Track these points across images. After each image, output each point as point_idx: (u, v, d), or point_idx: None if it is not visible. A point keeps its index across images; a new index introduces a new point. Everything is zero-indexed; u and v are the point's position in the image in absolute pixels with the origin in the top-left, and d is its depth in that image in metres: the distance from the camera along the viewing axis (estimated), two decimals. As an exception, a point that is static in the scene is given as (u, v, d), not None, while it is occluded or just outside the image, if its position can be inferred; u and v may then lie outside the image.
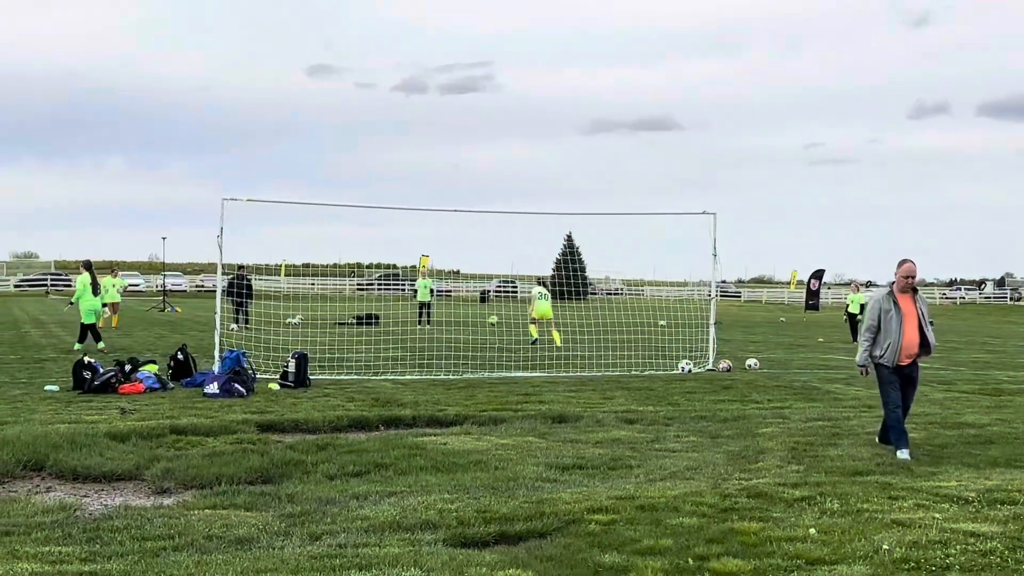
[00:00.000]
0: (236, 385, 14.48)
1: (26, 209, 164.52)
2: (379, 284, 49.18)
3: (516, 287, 66.10)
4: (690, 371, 19.30)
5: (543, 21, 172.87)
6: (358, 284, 66.16)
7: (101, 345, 21.92)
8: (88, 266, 23.28)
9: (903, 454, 9.95)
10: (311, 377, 16.21)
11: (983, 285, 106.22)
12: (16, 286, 74.91)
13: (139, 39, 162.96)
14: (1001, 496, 7.91)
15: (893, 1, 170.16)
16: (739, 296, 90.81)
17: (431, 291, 34.14)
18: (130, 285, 51.95)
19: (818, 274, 64.43)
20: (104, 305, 27.42)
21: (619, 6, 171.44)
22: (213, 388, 14.42)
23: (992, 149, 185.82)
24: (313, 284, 53.65)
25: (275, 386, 15.50)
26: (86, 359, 15.30)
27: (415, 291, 34.09)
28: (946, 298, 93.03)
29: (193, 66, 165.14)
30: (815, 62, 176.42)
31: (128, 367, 15.09)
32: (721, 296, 70.77)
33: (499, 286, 66.24)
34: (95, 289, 22.60)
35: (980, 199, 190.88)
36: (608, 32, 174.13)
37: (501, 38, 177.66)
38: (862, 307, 32.57)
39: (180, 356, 16.39)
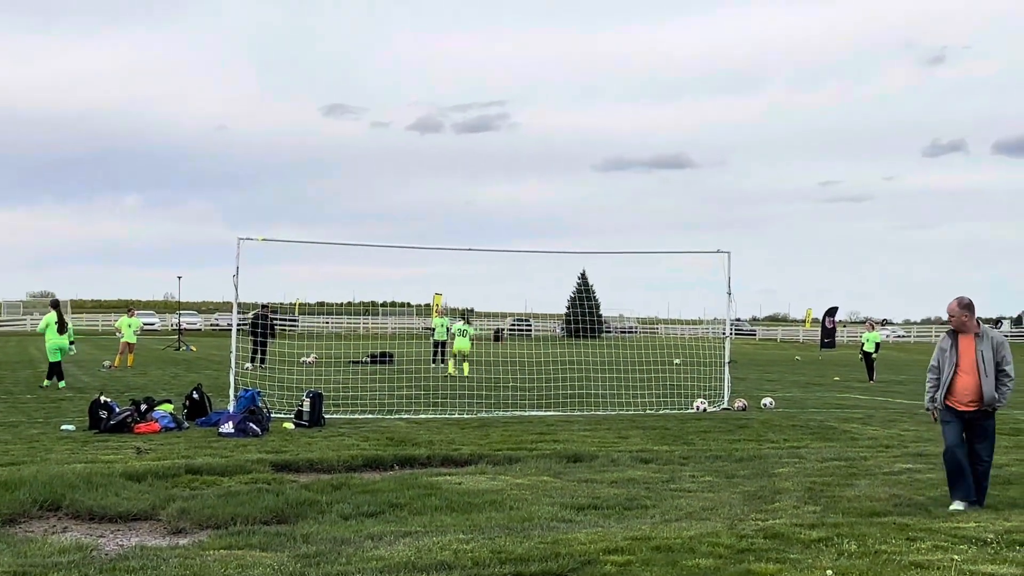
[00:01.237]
0: (251, 424, 14.51)
1: (43, 248, 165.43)
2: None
3: (531, 325, 66.08)
4: (705, 410, 19.23)
5: (558, 60, 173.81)
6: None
7: (62, 384, 22.15)
8: (55, 305, 23.73)
9: (955, 505, 9.23)
10: (326, 416, 16.21)
11: (1000, 323, 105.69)
12: None
13: (155, 78, 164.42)
14: (1020, 537, 7.83)
15: (909, 39, 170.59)
16: (754, 334, 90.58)
17: (447, 329, 34.15)
18: (145, 324, 52.14)
19: (832, 311, 64.21)
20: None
21: (634, 45, 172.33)
22: (228, 427, 14.44)
23: (1008, 187, 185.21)
24: (327, 322, 53.78)
25: (290, 425, 15.51)
26: (102, 398, 15.34)
27: (432, 330, 34.06)
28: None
29: (209, 105, 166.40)
30: (830, 100, 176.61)
31: (144, 406, 15.14)
32: (736, 334, 70.65)
33: (513, 324, 66.24)
34: (60, 328, 22.84)
35: (996, 237, 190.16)
36: (623, 70, 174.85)
37: (516, 77, 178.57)
38: (877, 345, 32.49)
39: (195, 395, 16.43)
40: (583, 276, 64.81)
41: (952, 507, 9.20)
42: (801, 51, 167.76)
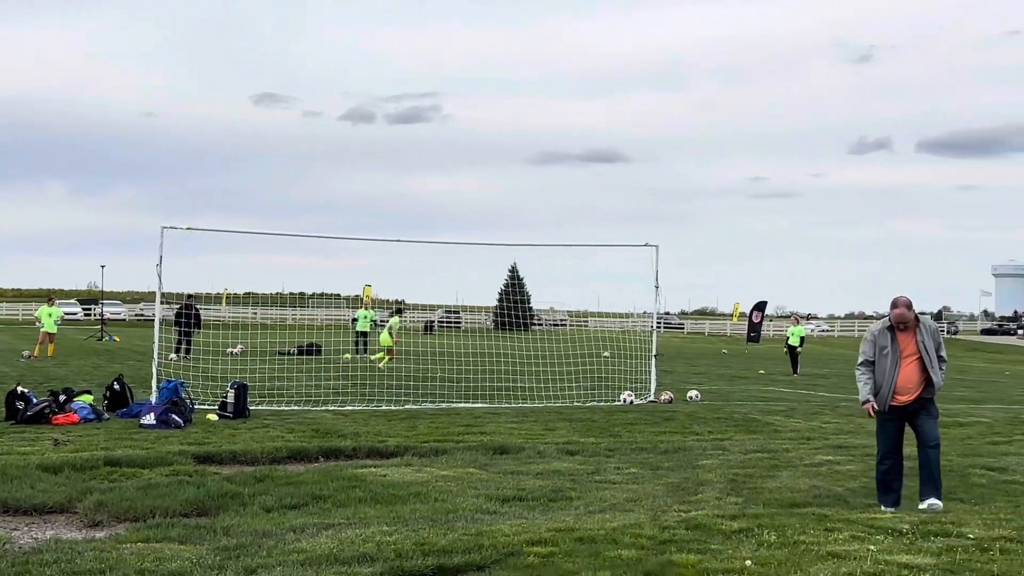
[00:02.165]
0: (173, 416, 14.28)
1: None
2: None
3: (460, 318, 66.03)
4: (632, 402, 19.37)
5: (492, 52, 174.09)
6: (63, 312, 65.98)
7: None
8: None
9: (885, 509, 9.05)
10: (250, 408, 16.02)
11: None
12: None
13: (82, 65, 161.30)
14: (935, 528, 8.01)
15: (837, 38, 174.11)
16: (682, 328, 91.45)
17: (373, 322, 34.02)
18: (67, 314, 51.04)
19: (760, 306, 65.04)
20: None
21: (567, 39, 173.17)
22: (150, 419, 14.20)
23: (931, 185, 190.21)
24: (255, 313, 53.20)
25: (213, 417, 15.30)
26: (19, 389, 14.99)
27: (355, 320, 33.95)
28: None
29: (137, 93, 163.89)
30: (760, 97, 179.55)
31: (62, 397, 14.81)
32: (664, 328, 71.13)
33: (443, 317, 66.10)
34: None
35: (918, 233, 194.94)
36: (556, 65, 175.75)
37: (449, 69, 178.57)
38: (802, 339, 33.00)
39: (116, 386, 16.12)
40: (514, 269, 64.99)
41: (883, 508, 9.02)
42: (731, 48, 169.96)
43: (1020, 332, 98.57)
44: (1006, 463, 12.20)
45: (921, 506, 8.88)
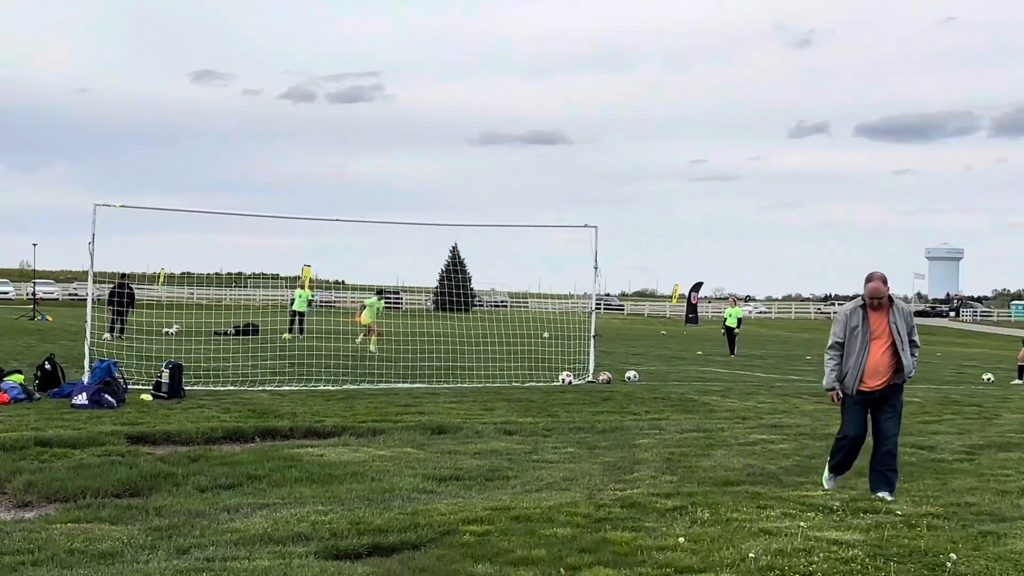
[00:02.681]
0: (106, 396, 14.06)
1: None
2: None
3: (400, 298, 65.84)
4: (571, 383, 19.45)
5: (434, 32, 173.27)
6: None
7: None
8: None
9: (829, 482, 9.06)
10: (186, 388, 15.83)
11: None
12: None
13: (13, 39, 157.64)
14: (864, 505, 8.16)
15: (778, 22, 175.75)
16: (622, 309, 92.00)
17: (309, 302, 33.85)
18: (-2, 293, 49.96)
19: (696, 287, 65.68)
20: None
21: (510, 20, 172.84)
22: (82, 399, 13.97)
23: (868, 169, 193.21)
24: (192, 293, 52.60)
25: (148, 397, 15.09)
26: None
27: (292, 300, 33.76)
28: (821, 313, 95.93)
29: (71, 68, 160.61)
30: (700, 80, 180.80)
31: (-8, 377, 14.53)
32: (604, 309, 71.51)
33: (383, 297, 65.82)
34: None
35: (854, 216, 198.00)
36: (499, 45, 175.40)
37: (391, 48, 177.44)
38: (739, 321, 33.34)
39: (48, 366, 15.84)
40: (455, 250, 64.92)
41: (826, 479, 9.08)
42: (672, 31, 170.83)
43: (952, 314, 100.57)
44: (935, 441, 12.45)
45: (875, 493, 8.68)
